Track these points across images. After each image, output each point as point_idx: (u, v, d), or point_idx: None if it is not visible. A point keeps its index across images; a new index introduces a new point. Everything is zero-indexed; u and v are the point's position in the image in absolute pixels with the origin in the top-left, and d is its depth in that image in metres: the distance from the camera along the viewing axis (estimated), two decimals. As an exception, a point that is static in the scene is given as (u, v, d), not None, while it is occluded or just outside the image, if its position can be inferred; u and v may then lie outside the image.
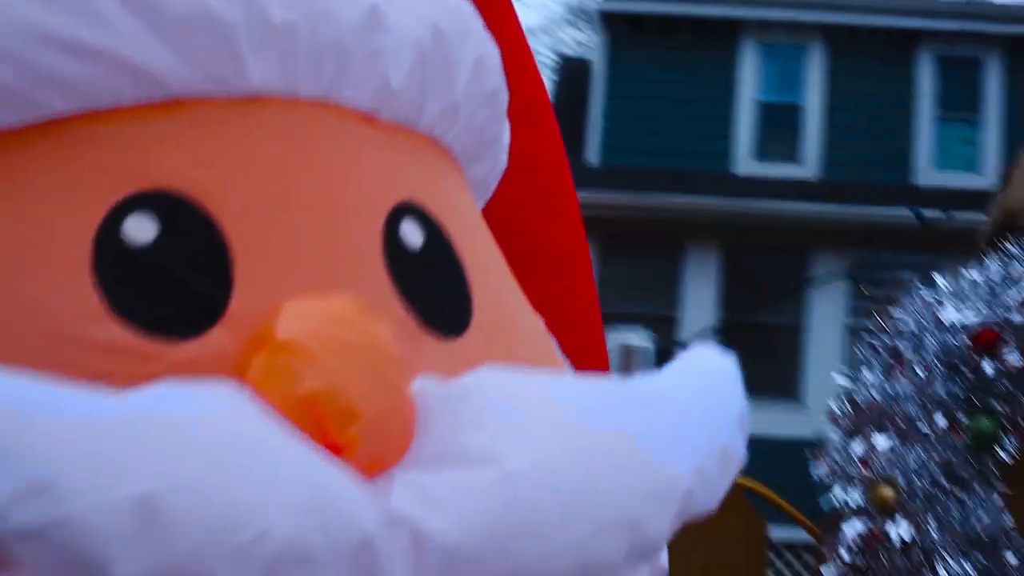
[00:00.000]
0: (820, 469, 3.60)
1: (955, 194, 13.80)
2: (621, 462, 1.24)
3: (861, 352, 3.74)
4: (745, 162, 15.37)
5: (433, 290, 1.40)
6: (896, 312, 3.69)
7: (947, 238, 12.85)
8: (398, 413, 1.23)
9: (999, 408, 3.54)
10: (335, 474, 1.12)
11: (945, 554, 3.33)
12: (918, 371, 3.55)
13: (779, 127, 15.50)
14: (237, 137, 1.32)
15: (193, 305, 1.23)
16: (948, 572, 3.31)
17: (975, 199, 13.58)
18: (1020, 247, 3.65)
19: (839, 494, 3.51)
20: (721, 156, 15.43)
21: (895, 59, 15.07)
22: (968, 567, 3.33)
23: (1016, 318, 3.51)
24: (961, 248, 13.14)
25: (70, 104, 1.27)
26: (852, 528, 3.43)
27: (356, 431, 1.18)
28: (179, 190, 1.27)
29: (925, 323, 3.59)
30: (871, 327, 3.70)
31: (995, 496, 3.45)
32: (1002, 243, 3.69)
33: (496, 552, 1.14)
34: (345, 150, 1.39)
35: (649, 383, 1.36)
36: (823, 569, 3.52)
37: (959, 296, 3.61)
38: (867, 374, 3.66)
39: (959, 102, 14.93)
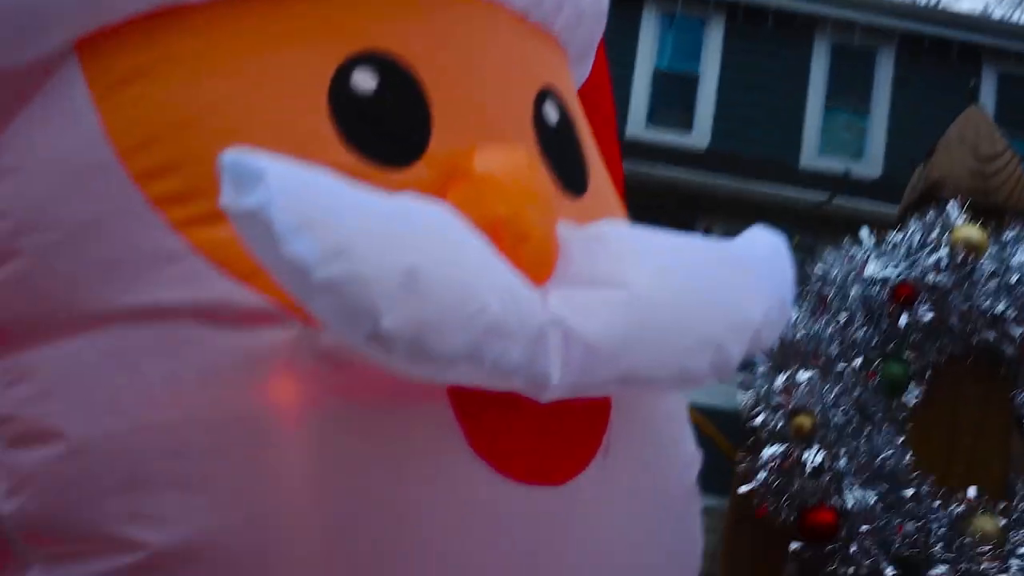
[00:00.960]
0: (746, 397, 3.86)
1: (838, 179, 14.23)
2: (713, 299, 1.56)
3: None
4: (638, 127, 15.68)
5: (564, 157, 1.72)
6: (824, 262, 3.99)
7: (827, 220, 13.35)
8: (552, 241, 1.54)
9: (909, 356, 3.86)
10: (519, 277, 1.43)
11: (851, 481, 3.63)
12: (841, 316, 3.87)
13: (674, 96, 15.77)
14: (439, 16, 1.64)
15: (403, 143, 1.55)
16: (853, 497, 3.61)
17: (856, 186, 14.11)
18: (937, 215, 3.95)
19: (761, 421, 3.77)
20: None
21: (792, 42, 15.38)
22: (871, 495, 3.64)
23: (930, 278, 3.82)
24: (840, 230, 13.67)
25: None
26: (771, 451, 3.72)
27: (527, 251, 1.49)
28: (393, 52, 1.58)
29: (850, 274, 3.90)
30: (804, 273, 3.98)
31: (899, 436, 3.76)
32: (923, 210, 3.99)
33: (622, 354, 1.45)
34: (510, 39, 1.72)
35: (730, 244, 1.67)
36: (742, 488, 3.79)
37: (882, 253, 3.92)
38: (793, 314, 3.96)
39: (849, 91, 15.31)
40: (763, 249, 1.68)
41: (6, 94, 1.57)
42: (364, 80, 1.54)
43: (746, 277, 1.61)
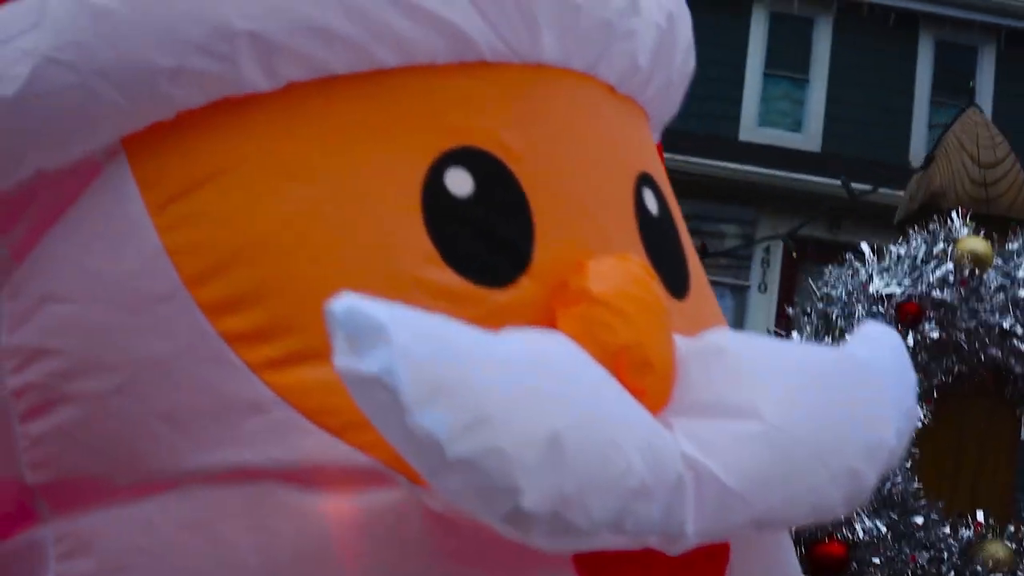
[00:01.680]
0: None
1: (777, 151, 14.15)
2: (846, 423, 1.40)
3: (793, 313, 3.94)
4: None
5: (666, 254, 1.54)
6: (828, 280, 3.86)
7: (767, 195, 13.26)
8: (672, 364, 1.38)
9: (917, 377, 3.74)
10: (653, 419, 1.27)
11: (860, 510, 3.51)
12: (847, 337, 3.73)
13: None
14: (532, 102, 1.45)
15: (506, 256, 1.36)
16: (863, 529, 3.49)
17: (795, 158, 14.03)
18: (940, 227, 3.83)
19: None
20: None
21: (729, 11, 15.26)
22: (880, 525, 3.52)
23: (936, 294, 3.70)
24: (779, 205, 13.63)
25: (396, 58, 1.38)
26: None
27: (650, 380, 1.33)
28: (488, 149, 1.39)
29: (855, 292, 3.77)
30: (813, 290, 3.86)
31: (906, 460, 3.64)
32: (925, 222, 3.87)
33: (757, 494, 1.29)
34: (606, 121, 1.53)
35: (855, 351, 1.51)
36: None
37: (886, 269, 3.80)
38: (797, 336, 3.83)
39: (788, 60, 15.21)
40: (885, 352, 1.52)
41: (47, 196, 1.37)
42: (460, 182, 1.36)
43: (875, 391, 1.45)
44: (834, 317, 3.76)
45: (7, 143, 1.35)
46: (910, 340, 3.65)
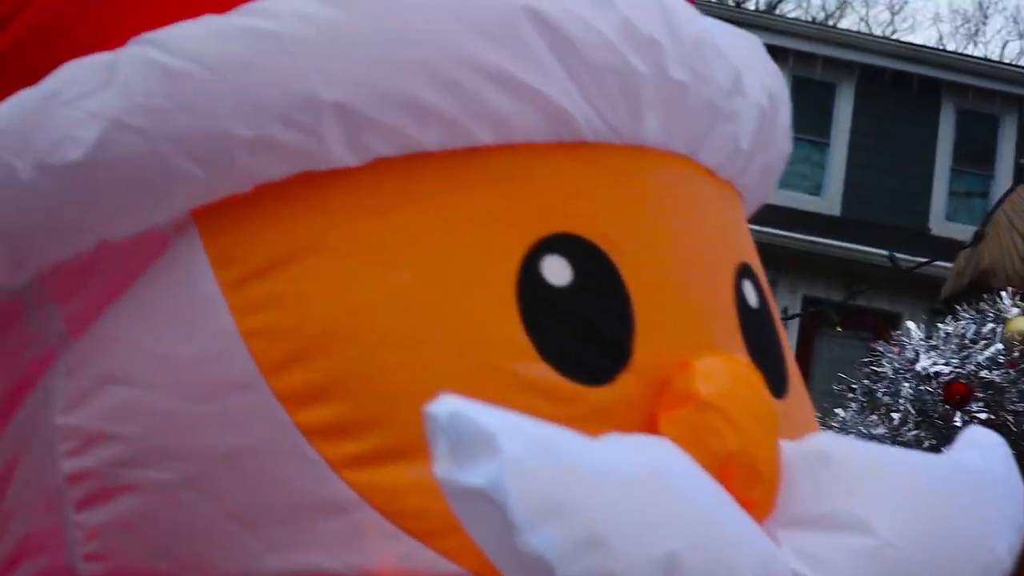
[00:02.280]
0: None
1: (796, 214, 14.11)
2: (960, 538, 1.30)
3: (838, 390, 3.86)
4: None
5: (766, 351, 1.44)
6: (875, 357, 3.79)
7: (785, 257, 13.19)
8: (779, 472, 1.28)
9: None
10: (766, 536, 1.17)
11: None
12: (893, 416, 3.66)
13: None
14: (633, 187, 1.36)
15: (605, 351, 1.26)
16: None
17: (814, 221, 13.99)
18: (990, 306, 3.77)
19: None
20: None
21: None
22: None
23: (985, 374, 3.63)
24: (798, 268, 13.60)
25: (493, 136, 1.29)
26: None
27: (759, 492, 1.24)
28: (588, 236, 1.29)
29: (901, 370, 3.69)
30: (859, 367, 3.79)
31: None
32: (974, 301, 3.81)
33: None
34: (707, 207, 1.44)
35: (963, 458, 1.41)
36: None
37: (933, 347, 3.72)
38: (843, 413, 3.76)
39: (809, 124, 15.18)
40: (994, 461, 1.42)
41: (110, 269, 1.28)
42: (557, 270, 1.26)
43: (988, 504, 1.35)
44: (879, 394, 3.68)
45: (70, 210, 1.26)
46: (959, 421, 3.57)
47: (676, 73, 1.36)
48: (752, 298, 1.45)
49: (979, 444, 1.42)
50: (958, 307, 3.82)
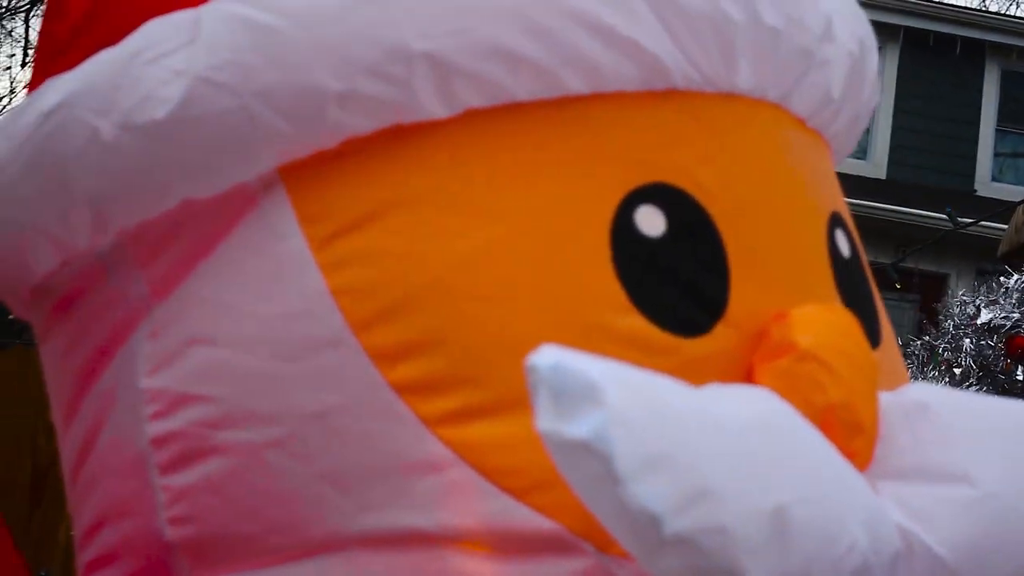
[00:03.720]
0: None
1: (843, 178, 13.96)
2: None
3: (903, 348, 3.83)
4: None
5: (860, 301, 1.41)
6: (929, 313, 3.76)
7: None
8: (878, 423, 1.25)
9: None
10: (870, 489, 1.14)
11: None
12: (955, 371, 3.63)
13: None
14: (726, 136, 1.32)
15: (701, 303, 1.23)
16: None
17: (860, 185, 13.88)
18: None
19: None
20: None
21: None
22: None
23: (1046, 327, 3.59)
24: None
25: (584, 85, 1.25)
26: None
27: (861, 443, 1.21)
28: (682, 186, 1.26)
29: (962, 325, 3.66)
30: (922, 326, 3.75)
31: None
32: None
33: (971, 567, 1.17)
34: (799, 156, 1.40)
35: None
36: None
37: (994, 301, 3.68)
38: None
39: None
40: None
41: (195, 229, 1.26)
42: (651, 221, 1.23)
43: None
44: (940, 349, 3.65)
45: (155, 170, 1.23)
46: (1020, 375, 3.54)
47: (769, 19, 1.33)
48: (845, 247, 1.42)
49: None
50: (1015, 263, 3.77)
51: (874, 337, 1.40)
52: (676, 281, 1.22)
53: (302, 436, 1.16)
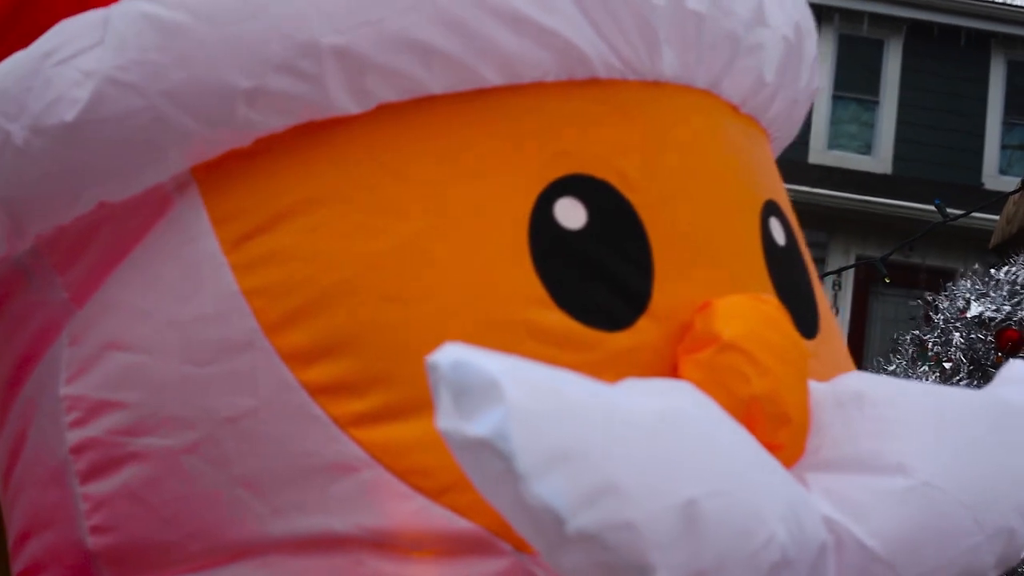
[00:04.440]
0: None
1: (847, 174, 13.95)
2: (1000, 475, 1.24)
3: (893, 344, 3.81)
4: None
5: (794, 290, 1.39)
6: (925, 306, 3.73)
7: (838, 218, 13.06)
8: (808, 414, 1.23)
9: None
10: (792, 479, 1.12)
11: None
12: (944, 365, 3.60)
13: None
14: (649, 124, 1.30)
15: (622, 296, 1.21)
16: None
17: (865, 180, 13.84)
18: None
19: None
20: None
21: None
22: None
23: (1038, 320, 3.57)
24: (850, 228, 13.48)
25: (500, 76, 1.23)
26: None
27: (786, 435, 1.19)
28: (603, 176, 1.24)
29: (952, 319, 3.63)
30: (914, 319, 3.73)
31: None
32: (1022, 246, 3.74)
33: (906, 558, 1.14)
34: (730, 143, 1.38)
35: (1002, 394, 1.35)
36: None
37: (984, 294, 3.66)
38: (892, 366, 3.71)
39: (857, 82, 15.01)
40: None
41: (110, 233, 1.24)
42: (571, 213, 1.21)
43: None
44: (930, 343, 3.62)
45: (67, 172, 1.22)
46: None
47: (692, 4, 1.31)
48: (780, 236, 1.40)
49: (1019, 380, 1.37)
50: (1009, 254, 3.74)
51: (809, 327, 1.38)
52: (597, 275, 1.20)
53: (217, 440, 1.14)
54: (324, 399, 1.12)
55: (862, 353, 12.28)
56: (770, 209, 1.39)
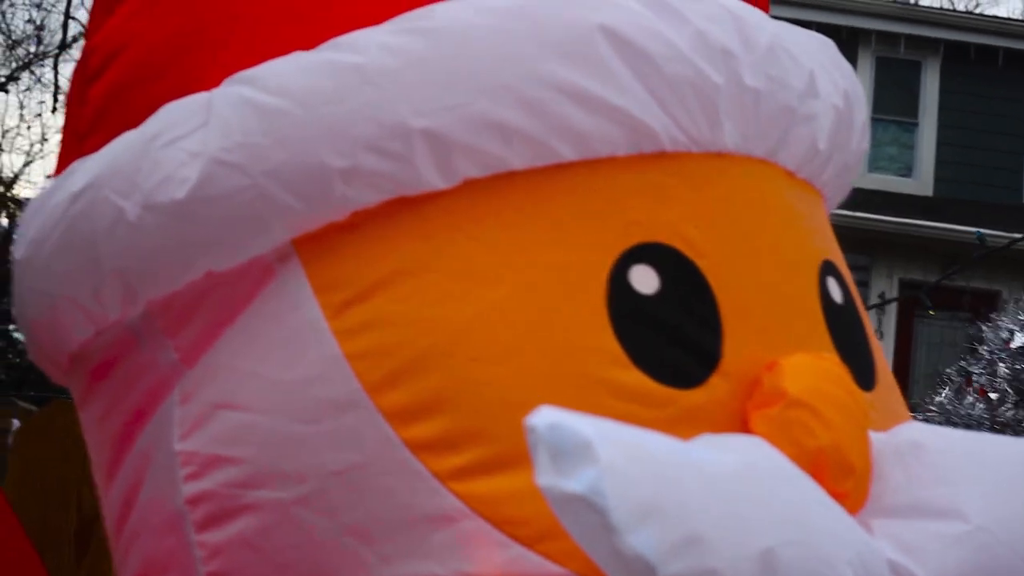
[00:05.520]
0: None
1: (889, 197, 13.96)
2: None
3: (942, 375, 3.86)
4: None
5: (852, 345, 1.47)
6: (973, 338, 3.78)
7: (880, 241, 13.07)
8: (871, 464, 1.32)
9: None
10: (857, 525, 1.20)
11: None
12: (991, 396, 3.65)
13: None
14: (715, 194, 1.39)
15: (695, 355, 1.30)
16: None
17: (906, 203, 13.84)
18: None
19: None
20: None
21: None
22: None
23: (1082, 351, 3.61)
24: (892, 251, 13.46)
25: (575, 152, 1.33)
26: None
27: (851, 484, 1.28)
28: (673, 244, 1.34)
29: (997, 349, 3.68)
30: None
31: None
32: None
33: None
34: (788, 207, 1.47)
35: None
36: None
37: (1029, 324, 3.71)
38: (940, 396, 3.75)
39: (896, 104, 15.01)
40: None
41: (218, 299, 1.34)
42: (645, 279, 1.30)
43: None
44: (976, 375, 3.67)
45: (177, 246, 1.32)
46: (1056, 399, 3.56)
47: (751, 80, 1.40)
48: (837, 294, 1.49)
49: None
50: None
51: (867, 380, 1.46)
52: (671, 336, 1.29)
53: (326, 493, 1.23)
54: (424, 454, 1.22)
55: (908, 376, 12.30)
56: (827, 268, 1.48)
